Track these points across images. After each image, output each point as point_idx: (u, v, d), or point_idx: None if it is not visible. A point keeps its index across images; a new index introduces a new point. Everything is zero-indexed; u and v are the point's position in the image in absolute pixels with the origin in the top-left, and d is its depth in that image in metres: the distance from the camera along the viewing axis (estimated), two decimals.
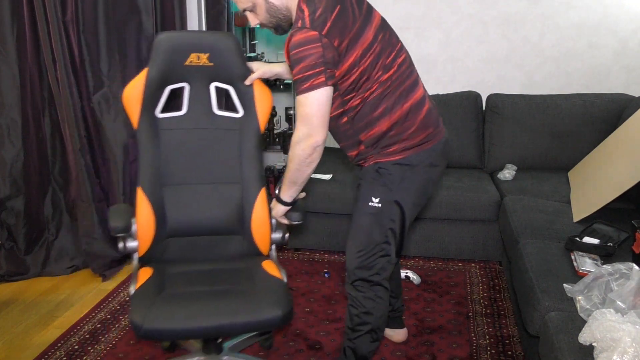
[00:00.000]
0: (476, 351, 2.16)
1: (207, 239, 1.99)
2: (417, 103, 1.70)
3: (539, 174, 3.02)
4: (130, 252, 1.88)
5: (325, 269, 2.84)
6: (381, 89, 1.65)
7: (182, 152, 1.95)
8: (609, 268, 1.64)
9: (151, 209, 1.89)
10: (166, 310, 1.63)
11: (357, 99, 1.66)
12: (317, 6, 1.55)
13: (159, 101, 1.91)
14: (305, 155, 1.61)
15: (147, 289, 1.73)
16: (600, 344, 1.39)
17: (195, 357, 1.96)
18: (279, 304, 1.65)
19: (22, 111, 2.62)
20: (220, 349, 1.94)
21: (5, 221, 2.73)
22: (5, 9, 2.51)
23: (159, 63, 1.86)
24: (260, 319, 1.64)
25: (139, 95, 1.87)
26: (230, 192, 1.97)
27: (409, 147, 1.70)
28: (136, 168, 2.90)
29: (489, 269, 2.85)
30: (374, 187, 1.73)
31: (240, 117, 1.97)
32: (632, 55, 3.23)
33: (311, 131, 1.57)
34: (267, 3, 1.63)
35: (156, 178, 1.92)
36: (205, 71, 1.91)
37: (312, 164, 1.64)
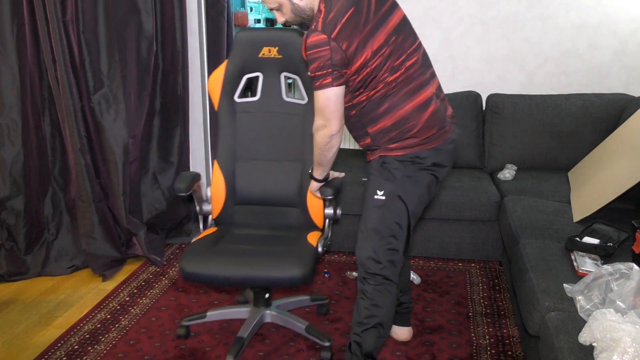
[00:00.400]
0: (476, 351, 2.16)
1: (269, 209, 2.27)
2: (421, 104, 1.75)
3: (539, 174, 3.02)
4: (206, 214, 2.27)
5: (325, 269, 2.84)
6: (385, 89, 1.72)
7: (254, 132, 2.25)
8: (609, 268, 1.64)
9: (223, 179, 2.24)
10: (206, 259, 1.96)
11: (363, 96, 1.75)
12: (332, 7, 1.66)
13: (237, 88, 2.23)
14: (324, 142, 1.77)
15: (202, 243, 2.07)
16: (600, 344, 1.39)
17: (247, 307, 2.28)
18: (300, 266, 1.91)
19: (22, 111, 2.62)
20: (269, 303, 2.24)
21: (5, 221, 2.73)
22: (5, 9, 2.51)
23: (237, 55, 2.20)
24: (280, 275, 1.91)
25: (220, 82, 2.21)
26: (292, 169, 2.24)
27: (412, 144, 1.76)
28: (136, 168, 2.93)
29: (489, 269, 2.85)
30: (379, 181, 1.81)
31: (304, 103, 2.23)
32: (632, 55, 3.23)
33: (325, 122, 1.73)
34: (292, 4, 1.75)
35: (230, 153, 2.25)
36: (276, 62, 2.21)
37: (332, 149, 1.80)
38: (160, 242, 3.07)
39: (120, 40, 2.73)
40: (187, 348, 2.18)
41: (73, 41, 2.59)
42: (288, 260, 1.93)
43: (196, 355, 2.13)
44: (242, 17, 3.21)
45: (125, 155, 2.79)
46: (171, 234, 3.21)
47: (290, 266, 1.91)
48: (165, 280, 2.75)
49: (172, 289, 2.65)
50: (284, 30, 2.23)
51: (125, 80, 2.77)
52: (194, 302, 2.53)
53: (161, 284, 2.71)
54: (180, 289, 2.65)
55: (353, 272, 2.78)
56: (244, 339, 2.08)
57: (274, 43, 2.18)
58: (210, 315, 2.27)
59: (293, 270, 1.90)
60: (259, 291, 2.22)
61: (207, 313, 2.27)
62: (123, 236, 2.90)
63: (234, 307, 2.35)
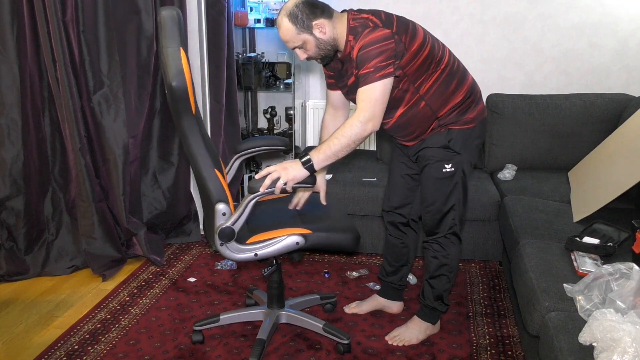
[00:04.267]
0: (476, 351, 2.16)
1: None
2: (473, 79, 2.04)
3: (539, 174, 3.02)
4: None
5: (325, 269, 2.84)
6: (449, 67, 1.94)
7: None
8: (609, 268, 1.64)
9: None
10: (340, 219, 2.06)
11: (429, 81, 1.91)
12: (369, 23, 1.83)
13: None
14: (360, 137, 1.81)
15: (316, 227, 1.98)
16: (600, 344, 1.39)
17: (261, 309, 2.27)
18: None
19: (22, 111, 2.62)
20: (282, 304, 2.24)
21: (5, 221, 2.73)
22: (5, 9, 2.51)
23: None
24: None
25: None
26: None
27: (475, 117, 2.00)
28: (136, 168, 2.92)
29: (489, 269, 2.85)
30: (445, 154, 1.98)
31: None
32: (632, 55, 3.23)
33: (373, 116, 1.80)
34: (316, 39, 1.85)
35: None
36: None
37: (358, 144, 1.84)
38: (160, 242, 3.07)
39: (120, 40, 2.73)
40: (187, 348, 2.18)
41: (73, 41, 2.59)
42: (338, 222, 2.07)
43: (196, 356, 2.13)
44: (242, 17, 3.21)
45: (125, 155, 2.78)
46: (171, 234, 3.21)
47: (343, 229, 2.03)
48: (165, 280, 2.75)
49: (172, 289, 2.65)
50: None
51: (125, 80, 2.77)
52: (194, 302, 2.53)
53: (161, 284, 2.71)
54: (180, 289, 2.65)
55: (353, 272, 2.78)
56: (265, 340, 2.08)
57: None
58: (223, 318, 2.24)
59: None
60: (274, 292, 2.21)
61: (220, 316, 2.24)
62: (123, 236, 2.90)
63: (247, 310, 2.32)
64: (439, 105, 1.95)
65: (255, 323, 2.31)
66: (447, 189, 2.03)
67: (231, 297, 2.57)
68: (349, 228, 1.99)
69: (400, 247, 2.32)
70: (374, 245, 2.98)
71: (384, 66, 1.77)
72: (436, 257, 2.11)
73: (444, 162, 1.99)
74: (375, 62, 1.77)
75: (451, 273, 2.13)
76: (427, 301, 2.18)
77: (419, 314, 2.23)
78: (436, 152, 2.00)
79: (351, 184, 2.91)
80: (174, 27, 1.73)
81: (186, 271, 2.84)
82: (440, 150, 1.99)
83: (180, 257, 3.01)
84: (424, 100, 1.93)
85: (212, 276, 2.78)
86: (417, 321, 2.22)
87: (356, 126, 1.79)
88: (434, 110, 1.95)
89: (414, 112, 1.95)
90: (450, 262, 2.11)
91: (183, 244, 3.18)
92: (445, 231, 2.08)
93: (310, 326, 2.21)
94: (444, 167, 1.99)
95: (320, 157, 1.83)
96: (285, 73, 3.52)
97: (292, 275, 2.78)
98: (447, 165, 1.99)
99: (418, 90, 1.92)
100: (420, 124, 1.98)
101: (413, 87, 1.91)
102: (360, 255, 3.02)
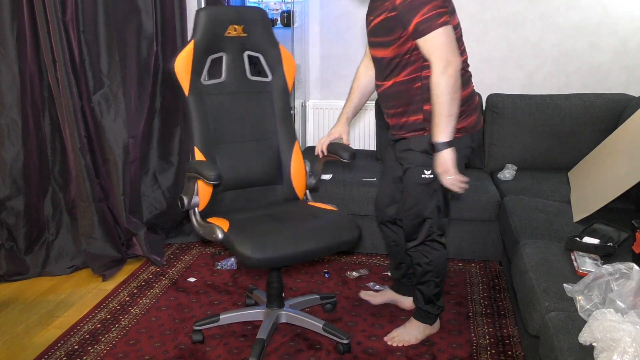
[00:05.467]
0: (476, 351, 2.16)
1: (254, 190, 2.26)
2: (474, 90, 2.00)
3: (539, 174, 3.02)
4: (193, 207, 2.09)
5: (325, 269, 2.84)
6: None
7: (226, 114, 2.21)
8: (609, 268, 1.64)
9: None
10: (269, 241, 1.91)
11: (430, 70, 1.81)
12: None
13: (203, 69, 2.16)
14: (453, 82, 1.76)
15: (237, 230, 1.96)
16: (600, 344, 1.39)
17: (260, 309, 2.26)
18: (353, 227, 2.05)
19: (22, 111, 2.62)
20: (282, 304, 2.24)
21: (5, 221, 2.73)
22: (5, 9, 2.51)
23: (203, 35, 2.12)
24: (343, 240, 2.02)
25: (189, 64, 2.11)
26: (269, 147, 2.27)
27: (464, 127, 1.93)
28: (136, 168, 2.93)
29: (489, 269, 2.85)
30: (426, 160, 1.93)
31: (269, 80, 2.27)
32: (632, 55, 3.23)
33: (449, 59, 1.74)
34: None
35: (209, 138, 2.15)
36: (240, 41, 2.20)
37: (459, 89, 1.79)
38: (160, 242, 3.07)
39: (120, 40, 2.73)
40: (187, 348, 2.18)
41: (73, 41, 2.59)
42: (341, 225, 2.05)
43: (196, 356, 2.13)
44: None
45: (125, 155, 2.78)
46: (171, 234, 3.21)
47: (346, 230, 2.03)
48: (165, 280, 2.75)
49: (172, 289, 2.65)
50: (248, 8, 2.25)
51: (125, 80, 2.77)
52: (194, 302, 2.53)
53: (161, 284, 2.71)
54: (180, 289, 2.65)
55: (353, 272, 2.78)
56: (264, 340, 2.08)
57: (240, 21, 2.17)
58: (223, 318, 2.24)
59: (351, 232, 2.03)
60: (274, 292, 2.21)
61: (220, 316, 2.24)
62: (123, 236, 2.90)
63: (247, 309, 2.32)
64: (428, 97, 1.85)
65: (255, 323, 2.31)
66: (426, 196, 1.99)
67: (231, 297, 2.57)
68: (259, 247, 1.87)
69: (392, 245, 2.33)
70: (374, 245, 2.98)
71: (436, 15, 1.72)
72: (420, 265, 2.10)
73: (424, 168, 1.95)
74: (428, 8, 1.71)
75: (438, 278, 2.11)
76: (420, 304, 2.19)
77: (415, 316, 2.23)
78: (417, 157, 1.97)
79: (351, 184, 2.91)
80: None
81: (186, 271, 2.84)
82: (420, 155, 1.95)
83: (180, 257, 3.02)
84: (420, 81, 1.88)
85: (212, 276, 2.78)
86: (414, 322, 2.23)
87: (442, 79, 1.75)
88: (424, 98, 1.87)
89: (407, 87, 1.90)
90: (435, 268, 2.08)
91: (183, 244, 3.18)
92: (423, 238, 2.05)
93: (310, 326, 2.21)
94: (423, 173, 1.95)
95: (440, 129, 1.80)
96: None
97: (292, 275, 2.78)
98: (426, 172, 1.94)
99: (422, 70, 1.86)
100: (406, 103, 1.93)
101: (420, 64, 1.85)
102: (360, 255, 3.02)
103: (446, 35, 1.75)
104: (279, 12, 3.44)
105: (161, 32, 2.93)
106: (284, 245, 1.92)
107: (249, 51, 2.23)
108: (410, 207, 2.04)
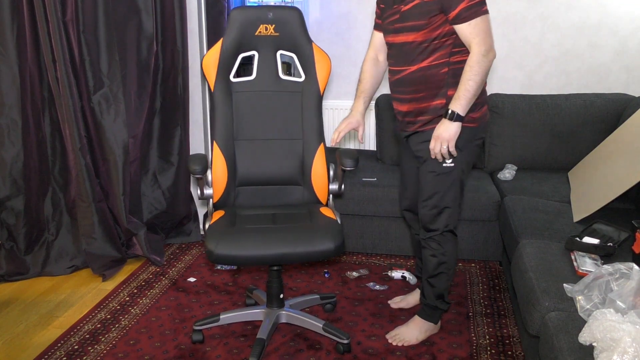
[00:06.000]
0: (476, 351, 2.16)
1: (272, 188, 2.29)
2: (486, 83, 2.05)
3: (539, 174, 3.02)
4: (207, 198, 2.21)
5: (325, 269, 2.84)
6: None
7: (252, 111, 2.25)
8: (609, 268, 1.64)
9: (224, 160, 2.22)
10: (235, 239, 1.95)
11: (460, 56, 1.92)
12: None
13: (232, 67, 2.21)
14: (488, 67, 1.89)
15: (220, 225, 2.04)
16: (600, 344, 1.39)
17: (260, 309, 2.27)
18: (332, 238, 1.97)
19: (22, 111, 2.62)
20: (282, 304, 2.25)
21: (5, 221, 2.73)
22: (5, 9, 2.51)
23: (233, 34, 2.18)
24: (316, 249, 1.95)
25: (215, 62, 2.18)
26: (293, 147, 2.28)
27: (479, 117, 2.01)
28: (136, 168, 2.93)
29: (489, 269, 2.85)
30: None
31: (302, 81, 2.29)
32: (632, 55, 3.23)
33: (490, 47, 1.87)
34: None
35: (229, 134, 2.21)
36: (272, 41, 2.23)
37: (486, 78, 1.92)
38: (160, 242, 3.07)
39: (120, 40, 2.73)
40: (187, 348, 2.18)
41: (73, 41, 2.59)
42: (317, 234, 1.98)
43: (196, 356, 2.13)
44: None
45: (125, 155, 2.78)
46: (171, 234, 3.21)
47: (322, 240, 1.96)
48: (165, 280, 2.75)
49: (172, 289, 2.65)
50: (281, 8, 2.27)
51: (125, 80, 2.77)
52: (194, 302, 2.53)
53: (161, 284, 2.71)
54: (180, 289, 2.65)
55: (353, 272, 2.78)
56: (264, 340, 2.08)
57: (271, 21, 2.20)
58: (223, 318, 2.25)
59: (326, 243, 1.96)
60: (273, 292, 2.22)
61: (220, 316, 2.24)
62: (123, 236, 2.90)
63: (247, 309, 2.32)
64: (454, 82, 1.93)
65: (255, 323, 2.31)
66: (445, 185, 2.03)
67: (231, 297, 2.57)
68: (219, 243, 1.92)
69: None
70: (374, 245, 2.98)
71: (480, 3, 1.83)
72: (435, 256, 2.11)
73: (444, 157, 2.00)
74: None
75: (449, 270, 2.14)
76: (429, 300, 2.18)
77: (421, 314, 2.23)
78: None
79: (351, 184, 2.91)
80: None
81: (186, 271, 2.84)
82: None
83: (180, 257, 3.02)
84: (447, 67, 1.94)
85: (212, 276, 2.78)
86: (418, 321, 2.22)
87: (483, 61, 1.86)
88: (449, 83, 1.94)
89: (434, 72, 1.95)
90: (448, 260, 2.11)
91: (183, 244, 3.18)
92: (442, 228, 2.08)
93: (310, 326, 2.21)
94: (444, 162, 2.00)
95: (462, 103, 1.88)
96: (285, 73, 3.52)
97: (292, 275, 2.78)
98: (447, 161, 1.99)
99: (450, 56, 1.93)
100: (431, 88, 1.97)
101: (449, 50, 1.92)
102: (360, 255, 3.02)
103: (488, 23, 1.87)
104: None
105: (161, 32, 2.93)
106: (251, 246, 1.94)
107: (282, 50, 2.25)
108: (429, 196, 2.06)
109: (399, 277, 2.72)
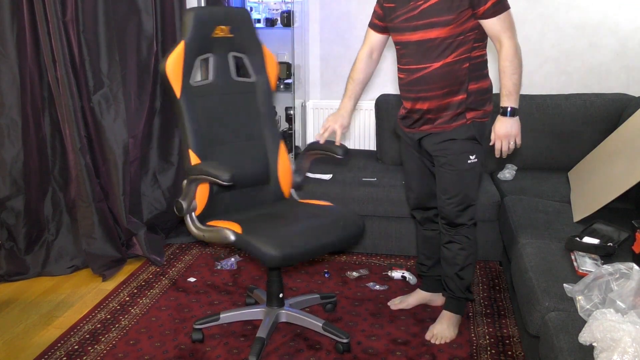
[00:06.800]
0: (476, 351, 2.16)
1: (246, 190, 2.26)
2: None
3: (539, 174, 3.02)
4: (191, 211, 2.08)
5: (325, 269, 2.84)
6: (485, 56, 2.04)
7: (215, 115, 2.21)
8: (609, 268, 1.64)
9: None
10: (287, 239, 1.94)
11: (480, 51, 1.99)
12: None
13: (191, 71, 2.14)
14: (521, 59, 1.93)
15: (252, 231, 1.95)
16: (600, 344, 1.39)
17: (261, 308, 2.27)
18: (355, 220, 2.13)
19: (22, 111, 2.62)
20: (282, 303, 2.24)
21: (5, 221, 2.73)
22: (5, 9, 2.51)
23: (192, 35, 2.10)
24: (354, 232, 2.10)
25: (180, 65, 2.08)
26: (258, 147, 2.28)
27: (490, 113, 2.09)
28: (136, 168, 2.93)
29: (489, 269, 2.85)
30: (473, 146, 2.05)
31: (253, 81, 2.29)
32: (632, 55, 3.23)
33: (517, 42, 1.92)
34: None
35: (202, 140, 2.13)
36: (226, 42, 2.20)
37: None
38: (160, 242, 3.07)
39: (120, 40, 2.73)
40: (187, 348, 2.18)
41: (73, 41, 2.59)
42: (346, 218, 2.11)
43: (196, 356, 2.13)
44: None
45: (125, 155, 2.78)
46: (171, 234, 3.21)
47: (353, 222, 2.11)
48: (165, 280, 2.75)
49: (172, 289, 2.65)
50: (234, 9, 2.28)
51: (125, 80, 2.77)
52: (194, 302, 2.53)
53: (161, 284, 2.71)
54: (180, 289, 2.65)
55: (353, 272, 2.78)
56: (264, 339, 2.08)
57: (226, 22, 2.18)
58: (223, 317, 2.25)
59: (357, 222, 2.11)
60: (274, 291, 2.22)
61: (220, 315, 2.24)
62: (123, 236, 2.90)
63: (247, 308, 2.32)
64: (474, 77, 1.99)
65: (255, 323, 2.31)
66: (471, 180, 2.08)
67: (231, 297, 2.57)
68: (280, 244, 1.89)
69: (438, 238, 2.30)
70: (374, 245, 2.98)
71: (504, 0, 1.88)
72: (464, 249, 2.15)
73: (469, 154, 2.04)
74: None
75: (475, 261, 2.22)
76: (458, 293, 2.22)
77: (449, 308, 2.25)
78: (462, 144, 2.04)
79: (351, 184, 2.91)
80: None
81: (186, 271, 2.84)
82: (466, 142, 2.04)
83: (180, 257, 3.02)
84: (469, 62, 1.97)
85: (212, 276, 2.78)
86: (449, 315, 2.24)
87: (518, 53, 1.91)
88: (470, 77, 1.99)
89: (457, 67, 1.97)
90: (475, 251, 2.19)
91: (183, 244, 3.18)
92: (468, 221, 2.12)
93: (309, 325, 2.21)
94: (469, 159, 2.04)
95: (516, 97, 1.96)
96: (285, 73, 3.53)
97: (292, 275, 2.78)
98: (471, 157, 2.04)
99: (471, 51, 1.96)
100: (454, 84, 1.99)
101: (471, 45, 1.95)
102: (360, 255, 3.02)
103: (512, 17, 1.91)
104: (279, 12, 3.44)
105: (161, 32, 2.93)
106: (303, 241, 1.97)
107: (234, 52, 2.24)
108: (455, 194, 2.08)
109: (399, 277, 2.72)
